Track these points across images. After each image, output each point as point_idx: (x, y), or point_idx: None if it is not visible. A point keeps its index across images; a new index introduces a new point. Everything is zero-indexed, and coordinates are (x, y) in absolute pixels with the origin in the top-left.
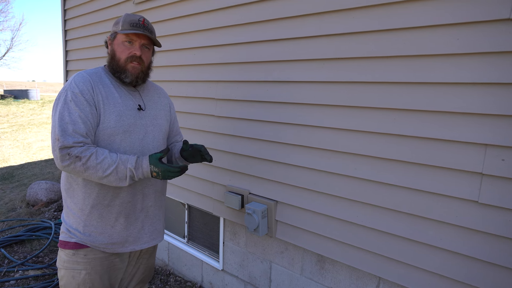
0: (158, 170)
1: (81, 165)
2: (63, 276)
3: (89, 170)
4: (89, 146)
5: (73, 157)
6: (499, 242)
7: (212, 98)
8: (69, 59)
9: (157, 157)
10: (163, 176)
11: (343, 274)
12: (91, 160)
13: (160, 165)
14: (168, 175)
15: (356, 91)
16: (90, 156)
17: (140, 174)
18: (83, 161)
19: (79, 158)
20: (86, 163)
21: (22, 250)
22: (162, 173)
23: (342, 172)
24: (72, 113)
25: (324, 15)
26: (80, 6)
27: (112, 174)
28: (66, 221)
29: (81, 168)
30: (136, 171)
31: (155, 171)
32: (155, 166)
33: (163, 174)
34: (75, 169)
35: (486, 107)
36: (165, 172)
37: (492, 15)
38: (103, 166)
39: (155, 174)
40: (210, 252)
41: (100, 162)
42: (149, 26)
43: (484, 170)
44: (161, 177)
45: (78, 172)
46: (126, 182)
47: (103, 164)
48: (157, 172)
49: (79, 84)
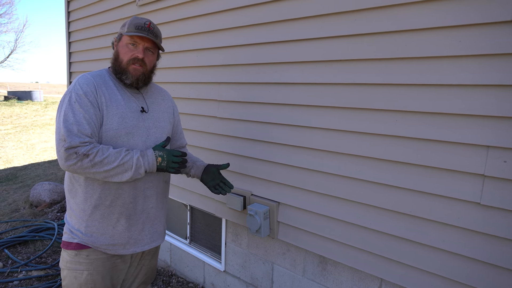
0: (163, 154)
1: (89, 161)
2: (66, 276)
3: (96, 166)
4: (95, 144)
5: (80, 155)
6: (501, 244)
7: (214, 99)
8: (73, 60)
9: (161, 144)
10: (167, 159)
11: (345, 276)
12: (98, 155)
13: (163, 149)
14: (173, 159)
15: (359, 93)
16: (97, 152)
17: (146, 161)
18: (90, 158)
19: (86, 155)
20: (93, 159)
21: (25, 251)
22: (166, 156)
23: (345, 173)
24: (76, 114)
25: (326, 17)
26: (84, 8)
27: (118, 167)
28: (69, 222)
29: (88, 165)
30: (142, 159)
31: (159, 156)
32: (159, 151)
33: (168, 157)
34: (82, 167)
35: (488, 109)
36: (169, 156)
37: (494, 17)
38: (109, 160)
39: (160, 159)
40: (212, 253)
41: (107, 156)
42: (154, 30)
43: (486, 172)
44: (166, 161)
45: (84, 169)
46: (131, 172)
47: (109, 158)
48: (161, 156)
49: (83, 85)
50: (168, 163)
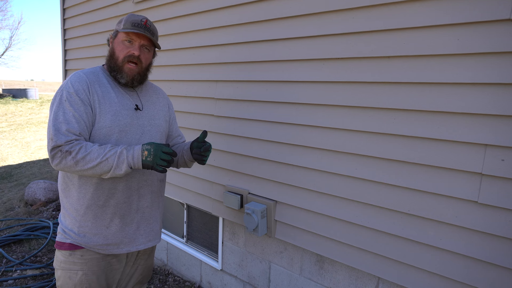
0: (150, 147)
1: (71, 158)
2: (60, 276)
3: (79, 163)
4: (80, 142)
5: (63, 153)
6: (499, 242)
7: (211, 97)
8: (68, 58)
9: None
10: (154, 153)
11: (342, 274)
12: (80, 152)
13: (153, 143)
14: (161, 155)
15: (356, 91)
16: (79, 149)
17: (131, 155)
18: (72, 155)
19: (69, 152)
20: (75, 156)
21: (20, 250)
22: (154, 150)
23: (342, 172)
24: (66, 112)
25: (324, 15)
26: (80, 5)
27: (103, 162)
28: (63, 222)
29: (71, 162)
30: (127, 152)
31: (146, 149)
32: (147, 145)
33: (155, 151)
34: (66, 165)
35: (485, 107)
36: (157, 150)
37: (492, 16)
38: (92, 157)
39: (146, 152)
40: (209, 252)
41: (89, 153)
42: (151, 28)
43: (483, 170)
44: (153, 156)
45: (69, 167)
46: (118, 168)
47: (92, 154)
48: (148, 150)
49: (74, 83)
50: (154, 159)
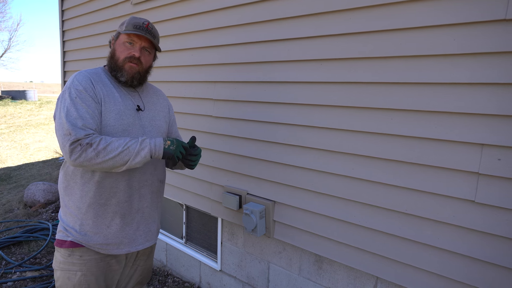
0: (173, 139)
1: (92, 150)
2: (59, 277)
3: (101, 154)
4: (98, 135)
5: (83, 146)
6: (496, 241)
7: (210, 98)
8: (67, 59)
9: None
10: (177, 143)
11: (341, 274)
12: (101, 143)
13: (172, 138)
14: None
15: (354, 91)
16: (100, 140)
17: (153, 142)
18: (94, 147)
19: (90, 144)
20: (97, 147)
21: (19, 252)
22: (176, 141)
23: (340, 172)
24: (79, 109)
25: (321, 16)
26: (78, 7)
27: (124, 151)
28: (64, 220)
29: (92, 154)
30: (149, 140)
31: (169, 140)
32: (168, 139)
33: (178, 143)
34: (87, 157)
35: (482, 107)
36: (178, 143)
37: (488, 16)
38: (113, 146)
39: (169, 142)
40: (208, 253)
41: (110, 143)
42: (152, 30)
43: (480, 170)
44: (176, 145)
45: (89, 159)
46: (138, 156)
47: (113, 144)
48: (171, 141)
49: (82, 81)
50: (177, 148)
